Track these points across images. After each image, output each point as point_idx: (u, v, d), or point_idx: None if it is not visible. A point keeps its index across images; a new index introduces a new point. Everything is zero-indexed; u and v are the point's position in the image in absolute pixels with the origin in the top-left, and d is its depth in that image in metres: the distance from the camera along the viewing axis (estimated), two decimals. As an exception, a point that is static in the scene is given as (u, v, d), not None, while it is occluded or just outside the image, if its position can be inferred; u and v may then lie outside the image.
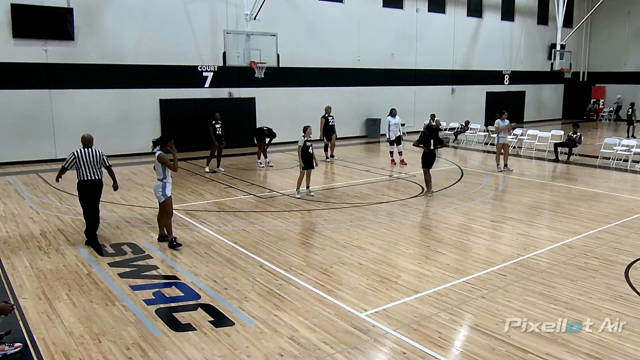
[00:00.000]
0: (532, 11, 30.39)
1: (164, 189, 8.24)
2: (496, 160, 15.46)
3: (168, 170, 8.23)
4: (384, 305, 6.19)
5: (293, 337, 5.43)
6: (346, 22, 22.08)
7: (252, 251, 8.12)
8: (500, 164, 15.29)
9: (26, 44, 15.55)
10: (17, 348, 5.18)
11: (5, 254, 8.01)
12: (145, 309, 6.09)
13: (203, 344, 5.30)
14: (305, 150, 11.50)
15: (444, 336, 5.48)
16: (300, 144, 11.52)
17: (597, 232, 9.20)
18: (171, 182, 8.42)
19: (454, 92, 26.95)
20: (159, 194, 8.28)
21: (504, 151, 15.24)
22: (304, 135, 11.53)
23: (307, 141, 11.52)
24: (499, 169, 15.24)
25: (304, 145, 11.49)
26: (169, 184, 8.31)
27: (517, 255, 7.98)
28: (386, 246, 8.39)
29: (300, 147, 11.50)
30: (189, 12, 18.21)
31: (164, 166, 8.17)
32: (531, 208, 11.03)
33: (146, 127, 17.63)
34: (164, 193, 8.26)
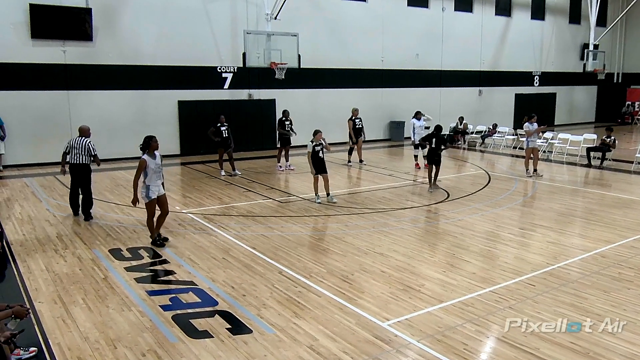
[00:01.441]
0: (564, 10, 29.73)
1: (147, 191, 8.37)
2: (525, 165, 15.13)
3: (151, 173, 8.30)
4: (407, 315, 6.06)
5: (312, 346, 5.35)
6: (369, 22, 21.86)
7: (271, 257, 8.04)
8: (530, 169, 14.95)
9: (44, 45, 15.76)
10: (32, 352, 5.21)
11: (21, 257, 8.07)
12: (162, 314, 6.07)
13: (220, 351, 5.24)
14: (315, 155, 11.33)
15: (469, 348, 5.33)
16: (309, 150, 11.33)
17: (632, 241, 8.90)
18: (157, 184, 8.45)
19: (481, 94, 26.52)
20: (143, 194, 8.40)
21: (534, 156, 14.92)
22: (312, 140, 11.34)
23: (315, 146, 11.33)
24: (528, 174, 14.89)
25: (312, 150, 11.32)
26: (153, 186, 8.37)
27: (547, 264, 7.75)
28: (410, 253, 8.24)
29: (310, 153, 11.32)
30: (209, 12, 18.23)
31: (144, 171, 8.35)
32: (562, 215, 10.73)
33: (164, 129, 17.66)
34: (147, 195, 8.37)
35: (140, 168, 8.23)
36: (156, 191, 8.40)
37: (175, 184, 14.05)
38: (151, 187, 8.33)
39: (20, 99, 15.55)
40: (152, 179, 8.32)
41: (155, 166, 8.33)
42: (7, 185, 13.46)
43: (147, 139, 8.36)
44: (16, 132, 15.50)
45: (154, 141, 8.35)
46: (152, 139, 8.36)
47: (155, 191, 8.38)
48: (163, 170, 8.68)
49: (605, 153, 16.61)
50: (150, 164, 8.24)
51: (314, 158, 11.34)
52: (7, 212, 10.72)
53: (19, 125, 15.55)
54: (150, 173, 8.27)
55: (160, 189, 8.49)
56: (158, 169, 8.39)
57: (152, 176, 8.31)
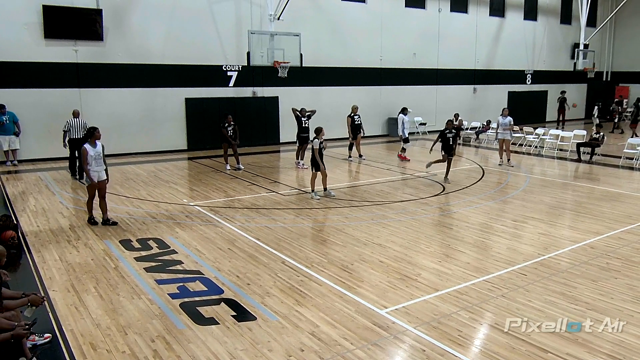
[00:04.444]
0: (556, 10, 29.95)
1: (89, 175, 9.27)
2: (499, 155, 16.28)
3: (90, 160, 9.16)
4: (404, 303, 6.22)
5: (314, 333, 5.49)
6: (369, 22, 22.07)
7: (274, 247, 8.20)
8: (504, 159, 15.99)
9: (57, 45, 15.94)
10: (46, 339, 5.34)
11: (36, 247, 8.22)
12: (170, 302, 6.20)
13: (226, 337, 5.38)
14: (320, 152, 11.35)
15: (463, 334, 5.48)
16: (315, 147, 11.28)
17: (619, 232, 9.09)
18: (96, 170, 9.22)
19: (475, 91, 26.74)
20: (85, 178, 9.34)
21: (505, 147, 15.96)
22: (317, 138, 11.34)
23: (320, 143, 11.37)
24: (499, 163, 16.01)
25: (319, 148, 11.34)
26: (93, 171, 9.20)
27: (538, 254, 7.93)
28: (407, 244, 8.41)
29: (317, 150, 11.27)
30: (214, 12, 18.42)
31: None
32: (553, 208, 10.93)
33: (172, 125, 18.02)
34: (86, 179, 9.29)
35: (83, 156, 9.19)
36: (96, 176, 9.22)
37: (183, 177, 14.24)
38: (91, 172, 9.17)
39: (34, 97, 15.74)
40: (92, 165, 9.16)
41: (95, 154, 9.20)
42: (22, 179, 13.63)
43: (91, 130, 9.30)
44: (30, 128, 15.70)
45: (97, 132, 9.26)
46: (96, 130, 9.27)
47: (95, 176, 9.20)
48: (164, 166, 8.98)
49: (595, 148, 16.88)
50: (90, 152, 9.13)
51: (321, 155, 11.36)
52: (22, 205, 10.88)
53: (33, 121, 15.73)
54: (90, 160, 9.13)
55: (100, 174, 9.33)
56: (98, 157, 9.26)
57: (92, 162, 9.16)
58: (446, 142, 13.34)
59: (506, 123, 15.85)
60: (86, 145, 9.17)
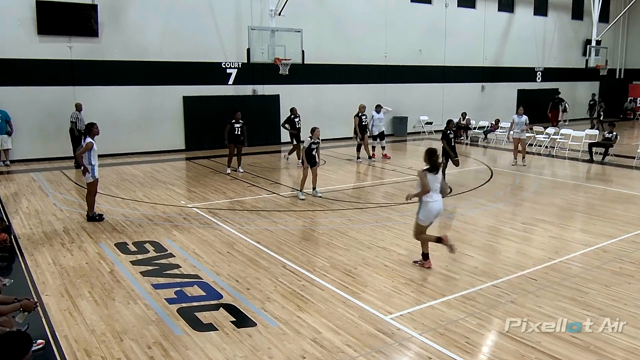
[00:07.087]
0: (567, 6, 29.61)
1: (93, 171, 9.48)
2: (514, 155, 15.97)
3: (94, 154, 9.41)
4: (410, 309, 6.11)
5: (316, 339, 5.41)
6: (373, 18, 21.85)
7: (275, 251, 8.11)
8: (519, 160, 15.69)
9: (51, 41, 15.78)
10: (39, 345, 5.22)
11: (28, 250, 8.13)
12: (167, 307, 6.11)
13: (225, 344, 5.30)
14: (309, 152, 11.38)
15: (471, 341, 5.38)
16: (305, 145, 11.42)
17: (633, 235, 8.95)
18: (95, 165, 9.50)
19: (484, 89, 26.49)
20: (89, 174, 9.46)
21: (521, 147, 15.68)
22: (310, 137, 11.38)
23: (312, 143, 11.39)
24: (512, 163, 15.70)
25: (308, 147, 11.37)
26: (96, 167, 9.51)
27: (548, 259, 7.80)
28: (412, 247, 8.23)
29: (305, 148, 11.40)
30: (213, 8, 18.25)
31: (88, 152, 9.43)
32: (564, 210, 10.79)
33: (170, 124, 17.86)
34: (93, 174, 9.48)
35: (87, 148, 9.36)
36: (97, 171, 9.55)
37: (180, 178, 14.13)
38: (96, 167, 9.43)
39: (27, 95, 15.60)
40: (95, 159, 9.48)
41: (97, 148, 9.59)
42: (15, 179, 13.53)
43: (90, 125, 9.61)
44: (23, 127, 15.57)
45: (96, 128, 9.58)
46: (94, 125, 9.59)
47: (97, 171, 9.51)
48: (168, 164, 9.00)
49: (608, 148, 16.65)
50: (94, 146, 9.42)
51: (307, 154, 11.38)
52: (14, 207, 10.78)
53: (25, 120, 15.62)
54: (93, 154, 9.41)
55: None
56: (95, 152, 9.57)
57: (95, 156, 9.48)
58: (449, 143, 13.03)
59: (522, 122, 15.67)
60: (91, 140, 9.41)
